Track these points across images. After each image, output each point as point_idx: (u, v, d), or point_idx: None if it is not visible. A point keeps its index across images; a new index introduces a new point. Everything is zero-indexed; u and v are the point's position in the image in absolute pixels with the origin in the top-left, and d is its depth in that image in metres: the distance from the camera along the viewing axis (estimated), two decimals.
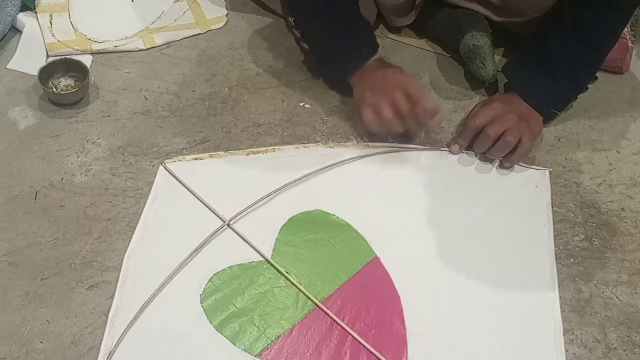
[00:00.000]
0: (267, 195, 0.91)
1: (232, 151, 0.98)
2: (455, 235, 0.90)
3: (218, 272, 0.83)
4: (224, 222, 0.88)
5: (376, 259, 0.86)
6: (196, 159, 0.96)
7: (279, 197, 0.92)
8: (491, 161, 0.99)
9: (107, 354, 0.75)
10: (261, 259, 0.85)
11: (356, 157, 0.98)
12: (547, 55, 1.00)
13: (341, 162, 0.96)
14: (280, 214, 0.90)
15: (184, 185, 0.92)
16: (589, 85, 1.07)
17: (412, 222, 0.91)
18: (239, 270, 0.84)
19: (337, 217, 0.90)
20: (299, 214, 0.90)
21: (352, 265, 0.85)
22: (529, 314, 0.82)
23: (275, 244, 0.87)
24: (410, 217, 0.91)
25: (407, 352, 0.78)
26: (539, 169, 0.99)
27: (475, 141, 0.98)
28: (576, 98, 1.06)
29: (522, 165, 0.98)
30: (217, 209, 0.89)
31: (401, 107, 0.93)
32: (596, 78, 1.08)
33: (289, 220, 0.89)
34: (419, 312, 0.81)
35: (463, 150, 0.99)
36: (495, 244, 0.89)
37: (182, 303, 0.80)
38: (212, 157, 0.97)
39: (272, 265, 0.84)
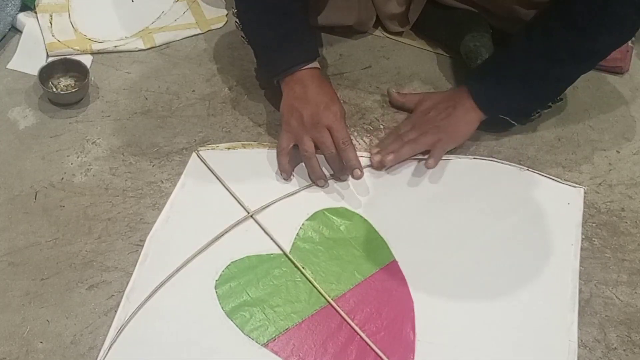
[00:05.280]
0: (294, 192, 0.92)
1: (265, 143, 0.99)
2: (478, 245, 0.88)
3: (236, 260, 0.85)
4: (248, 213, 0.89)
5: (394, 263, 0.86)
6: (229, 148, 0.98)
7: (304, 193, 0.93)
8: (519, 171, 0.97)
9: (119, 327, 0.77)
10: (280, 252, 0.86)
11: None
12: (504, 57, 0.98)
13: (370, 164, 0.96)
14: (304, 210, 0.91)
15: (213, 174, 0.94)
16: (551, 104, 1.01)
17: (436, 229, 0.90)
18: (256, 261, 0.85)
19: (361, 216, 0.90)
20: (324, 209, 0.91)
21: (369, 266, 0.85)
22: (544, 332, 0.80)
23: (295, 238, 0.87)
24: (434, 224, 0.90)
25: (413, 358, 0.77)
26: (575, 187, 0.96)
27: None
28: (538, 114, 1.01)
29: (557, 181, 0.96)
30: (243, 200, 0.91)
31: (325, 150, 0.91)
32: (561, 99, 1.03)
33: (312, 215, 0.90)
34: (431, 319, 0.81)
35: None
36: (518, 258, 0.87)
37: (197, 287, 0.82)
38: (244, 146, 0.98)
39: (289, 259, 0.85)
